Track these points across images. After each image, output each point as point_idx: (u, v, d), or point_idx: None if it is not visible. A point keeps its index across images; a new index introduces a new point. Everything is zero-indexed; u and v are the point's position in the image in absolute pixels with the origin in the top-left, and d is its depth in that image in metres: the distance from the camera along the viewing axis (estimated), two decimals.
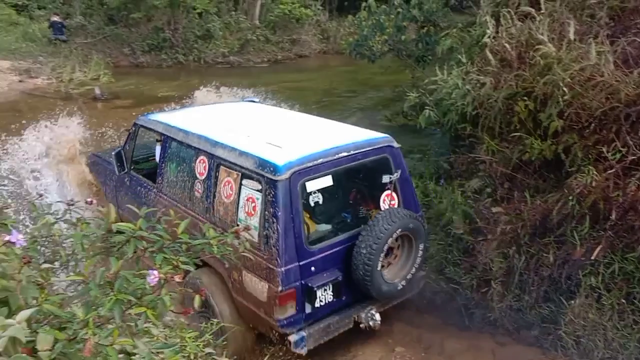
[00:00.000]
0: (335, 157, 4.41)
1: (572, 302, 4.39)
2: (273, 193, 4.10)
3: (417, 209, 4.91)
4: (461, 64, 6.12)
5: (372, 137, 4.81)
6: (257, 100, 7.43)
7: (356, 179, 4.86)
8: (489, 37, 5.70)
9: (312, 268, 4.25)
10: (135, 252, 1.77)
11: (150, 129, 5.96)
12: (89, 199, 2.38)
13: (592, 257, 4.34)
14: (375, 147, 4.69)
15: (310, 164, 4.27)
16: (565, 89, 4.66)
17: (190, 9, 20.61)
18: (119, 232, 1.86)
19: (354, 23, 12.18)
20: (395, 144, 4.80)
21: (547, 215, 4.69)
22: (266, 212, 4.15)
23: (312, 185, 4.31)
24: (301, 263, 4.18)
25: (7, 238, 1.64)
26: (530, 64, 5.17)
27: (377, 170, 4.70)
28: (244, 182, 4.38)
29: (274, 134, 4.90)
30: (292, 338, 4.22)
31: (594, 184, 4.35)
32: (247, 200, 4.34)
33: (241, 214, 4.38)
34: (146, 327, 1.78)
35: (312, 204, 4.41)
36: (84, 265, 1.75)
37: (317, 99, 14.28)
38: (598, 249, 4.33)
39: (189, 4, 20.09)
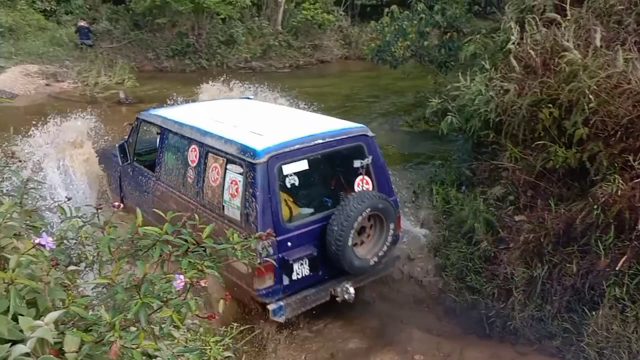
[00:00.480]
0: (310, 144, 4.81)
1: (596, 313, 4.33)
2: (252, 175, 4.51)
3: (391, 194, 5.30)
4: (484, 70, 6.09)
5: (347, 127, 5.20)
6: (252, 97, 7.85)
7: (332, 165, 5.26)
8: (513, 43, 5.66)
9: (289, 243, 4.62)
10: (160, 255, 1.80)
11: (150, 123, 6.44)
12: (115, 203, 2.43)
13: (617, 268, 4.27)
14: (350, 135, 5.07)
15: (287, 149, 4.68)
16: (591, 96, 4.61)
17: (214, 14, 20.78)
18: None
19: (376, 29, 12.15)
20: (370, 133, 5.17)
21: (571, 224, 4.63)
22: (247, 193, 4.55)
23: (288, 169, 4.72)
24: (278, 239, 4.49)
25: (37, 240, 1.67)
26: (556, 70, 5.12)
27: (352, 157, 5.04)
28: (229, 166, 4.80)
29: (260, 124, 5.33)
30: (271, 307, 4.62)
31: (619, 193, 4.29)
32: (231, 183, 4.74)
33: (226, 196, 4.79)
34: (169, 330, 1.80)
35: (288, 185, 4.78)
36: (112, 268, 1.78)
37: (339, 104, 14.26)
38: (623, 259, 4.26)
39: (213, 9, 20.26)
